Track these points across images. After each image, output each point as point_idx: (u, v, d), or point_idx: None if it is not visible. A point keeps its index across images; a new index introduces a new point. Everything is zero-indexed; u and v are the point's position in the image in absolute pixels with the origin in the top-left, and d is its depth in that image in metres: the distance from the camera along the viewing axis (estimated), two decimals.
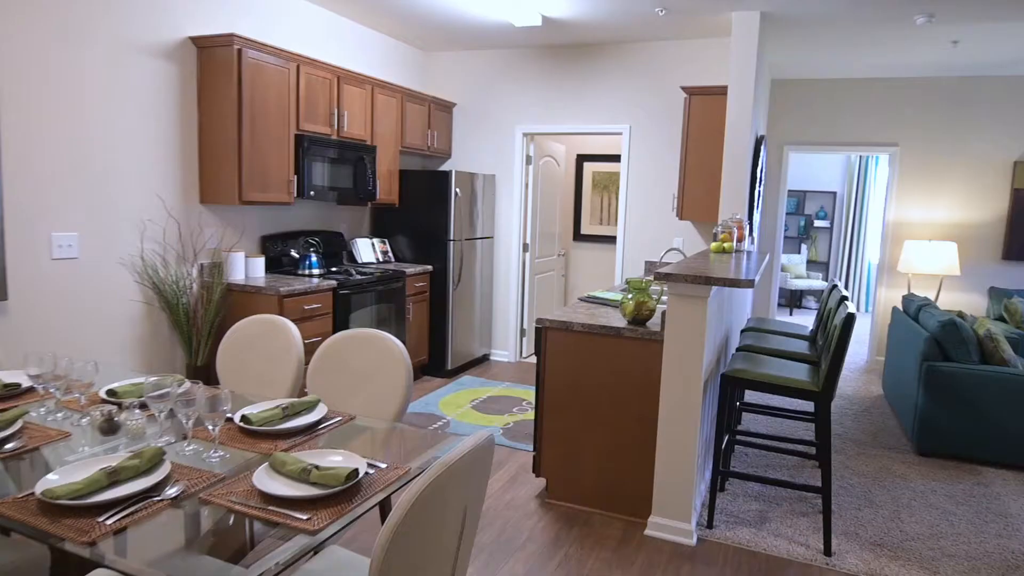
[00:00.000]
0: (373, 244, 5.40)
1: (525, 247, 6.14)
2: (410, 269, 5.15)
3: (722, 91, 4.73)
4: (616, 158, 6.95)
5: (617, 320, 3.24)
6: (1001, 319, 5.56)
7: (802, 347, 3.75)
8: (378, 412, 2.31)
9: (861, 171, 9.30)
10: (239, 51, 3.73)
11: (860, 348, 7.25)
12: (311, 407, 2.09)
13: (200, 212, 3.93)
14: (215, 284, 3.74)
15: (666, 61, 5.31)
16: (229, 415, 2.00)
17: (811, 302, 9.71)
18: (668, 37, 5.20)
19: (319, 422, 2.03)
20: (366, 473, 1.68)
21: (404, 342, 5.10)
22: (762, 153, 5.27)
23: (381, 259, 5.42)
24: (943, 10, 4.10)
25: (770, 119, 6.58)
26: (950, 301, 6.13)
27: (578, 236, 7.27)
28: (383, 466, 1.74)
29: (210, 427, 1.74)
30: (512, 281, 6.08)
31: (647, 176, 5.48)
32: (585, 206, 7.21)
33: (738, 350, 3.61)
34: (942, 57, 5.25)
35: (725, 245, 4.03)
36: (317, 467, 1.60)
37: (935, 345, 4.09)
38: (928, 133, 6.04)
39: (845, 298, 3.28)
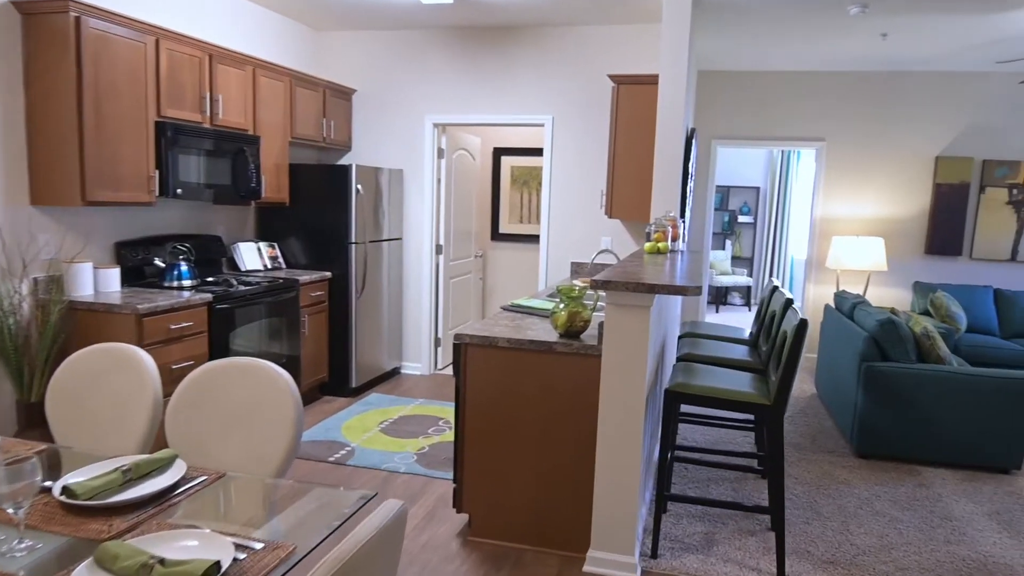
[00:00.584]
0: (259, 249, 4.91)
1: (438, 248, 5.82)
2: (305, 276, 4.71)
3: (652, 80, 4.58)
4: (536, 151, 6.74)
5: (547, 333, 2.98)
6: (926, 313, 5.75)
7: (743, 353, 3.63)
8: (258, 462, 1.93)
9: (783, 166, 9.56)
10: (77, 19, 3.20)
11: None
12: (164, 465, 1.70)
13: (31, 215, 3.35)
14: (52, 302, 3.19)
15: (592, 47, 5.13)
16: (48, 484, 1.58)
17: (736, 299, 9.90)
18: (594, 21, 5.02)
19: (174, 486, 1.64)
20: (233, 561, 1.32)
21: (299, 360, 4.66)
22: (693, 147, 5.19)
23: (270, 266, 4.94)
24: (877, 0, 4.13)
25: (697, 112, 6.56)
26: (877, 296, 6.30)
27: (497, 235, 7.01)
28: (259, 546, 1.38)
29: (11, 510, 1.33)
30: (424, 286, 5.74)
31: (572, 171, 5.29)
32: (503, 203, 6.96)
33: (679, 360, 3.44)
34: (870, 51, 5.35)
35: (660, 245, 3.87)
36: (162, 561, 1.23)
37: (873, 344, 4.10)
38: (854, 128, 6.18)
39: (791, 301, 3.17)
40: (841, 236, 6.11)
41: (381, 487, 3.63)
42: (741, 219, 9.82)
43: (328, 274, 4.97)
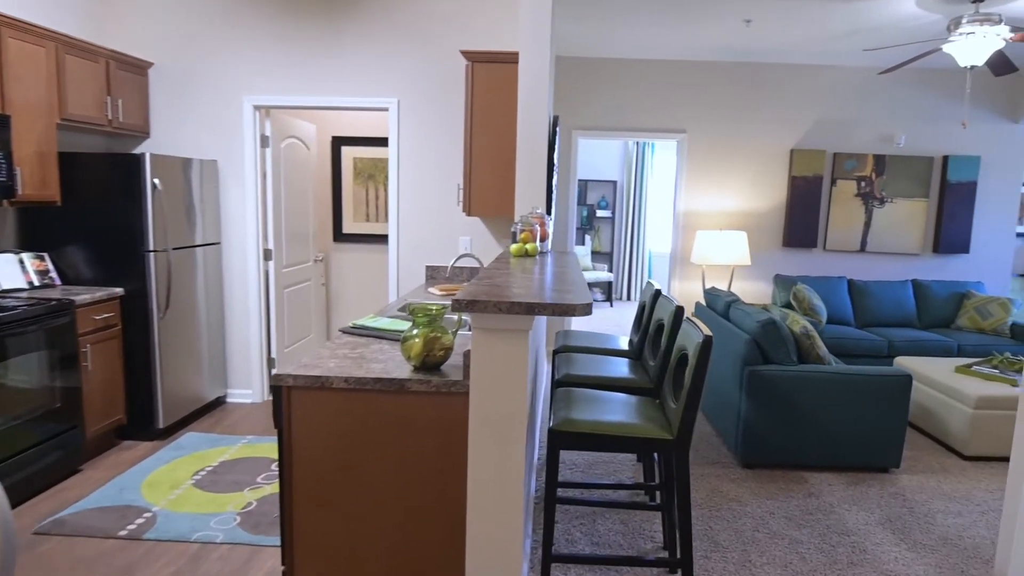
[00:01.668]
0: (22, 261, 3.81)
1: (267, 254, 4.93)
2: (85, 296, 3.69)
3: (511, 58, 4.04)
4: (383, 141, 6.00)
5: (398, 366, 2.33)
6: (788, 306, 5.72)
7: (624, 369, 3.18)
8: None
9: (639, 158, 9.49)
10: None
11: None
12: None
13: None
14: None
15: (442, 20, 4.50)
16: None
17: (597, 294, 9.73)
18: None
19: None
20: None
21: (79, 401, 3.65)
22: (557, 137, 4.73)
23: (37, 283, 3.85)
24: None
25: (556, 101, 6.13)
26: (740, 290, 6.24)
27: (340, 236, 6.19)
28: None
29: None
30: (252, 298, 4.84)
31: (424, 163, 4.63)
32: (346, 200, 6.16)
33: (557, 384, 2.91)
34: (732, 39, 5.17)
35: (528, 247, 3.33)
36: None
37: (755, 347, 3.83)
38: (715, 120, 6.04)
39: (681, 311, 2.75)
40: (705, 231, 5.96)
41: (188, 569, 2.79)
42: (600, 213, 9.65)
43: (119, 291, 3.96)
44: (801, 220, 6.05)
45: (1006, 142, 6.11)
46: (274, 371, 2.31)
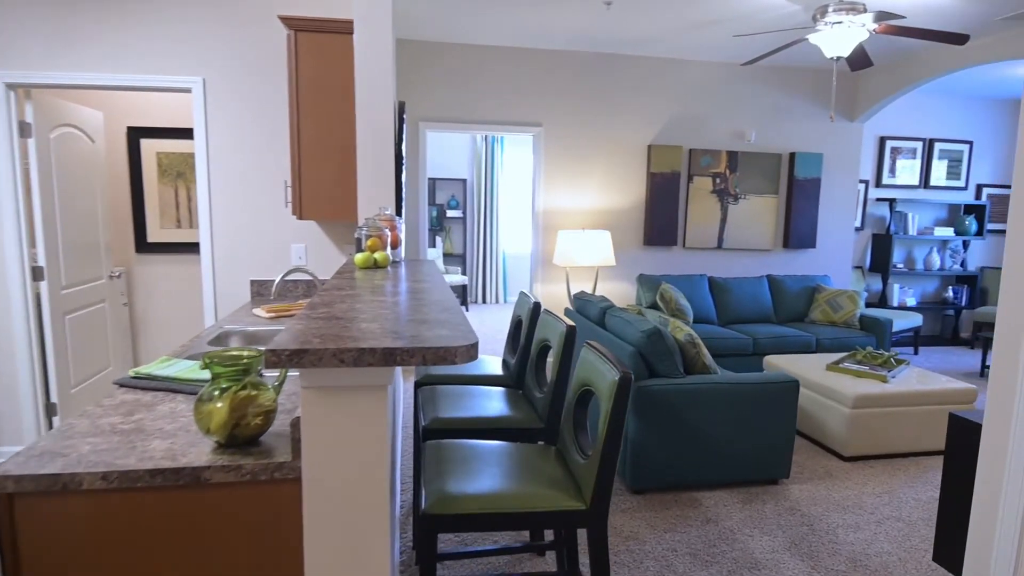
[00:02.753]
0: None
1: (37, 272, 3.82)
2: None
3: (344, 28, 3.32)
4: (192, 133, 4.98)
5: (195, 441, 1.58)
6: (654, 307, 5.47)
7: (504, 404, 2.60)
8: None
9: (488, 155, 9.01)
10: None
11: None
12: None
13: None
14: None
15: None
16: None
17: None
18: None
19: None
20: None
21: None
22: (404, 126, 4.06)
23: None
24: None
25: (400, 88, 5.44)
26: (605, 291, 5.92)
27: (144, 246, 5.08)
28: None
29: None
30: (17, 329, 3.72)
31: (242, 156, 3.77)
32: (150, 203, 5.06)
33: (427, 432, 2.27)
34: (590, 25, 4.77)
35: (376, 256, 2.66)
36: None
37: (640, 360, 3.42)
38: (572, 113, 5.66)
39: (573, 332, 2.22)
40: (568, 230, 5.56)
41: None
42: (450, 214, 9.06)
43: None
44: (661, 218, 5.84)
45: (845, 140, 6.31)
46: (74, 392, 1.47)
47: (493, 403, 2.61)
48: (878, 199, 7.07)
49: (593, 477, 1.76)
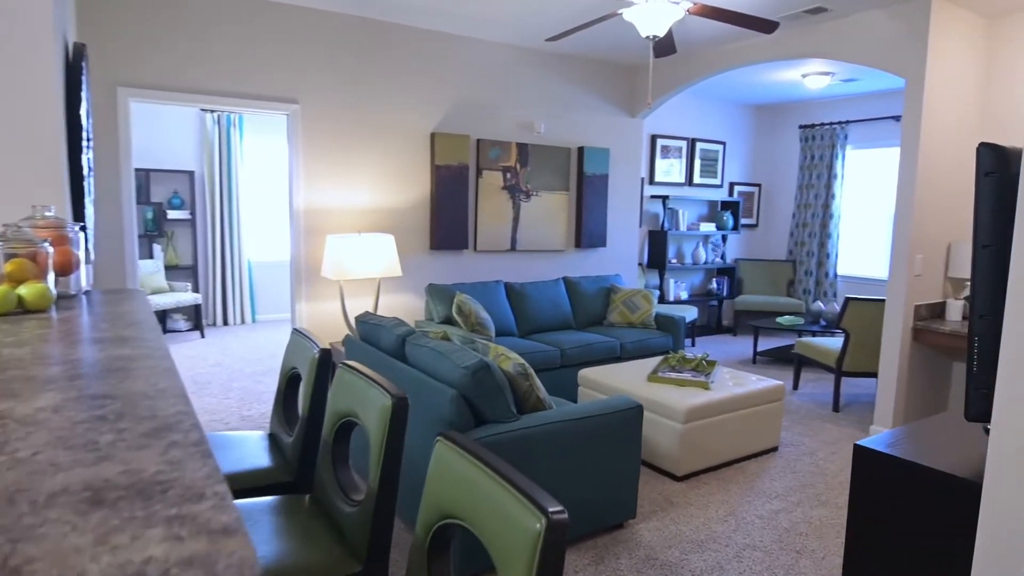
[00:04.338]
0: None
1: None
2: None
3: None
4: None
5: None
6: (448, 322, 4.65)
7: (240, 455, 1.62)
8: None
9: (224, 140, 7.42)
10: None
11: (252, 400, 5.43)
12: None
13: None
14: None
15: None
16: None
17: (180, 323, 7.39)
18: None
19: None
20: None
21: None
22: (86, 80, 2.70)
23: None
24: None
25: (83, 37, 3.89)
26: (390, 307, 4.95)
27: None
28: None
29: None
30: None
31: None
32: None
33: None
34: None
35: (22, 294, 1.45)
36: None
37: (463, 405, 2.57)
38: (339, 89, 4.58)
39: (328, 355, 1.33)
40: (339, 234, 4.49)
41: None
42: (173, 215, 7.31)
43: None
44: (449, 218, 5.05)
45: (627, 136, 6.11)
46: None
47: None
48: (652, 196, 7.09)
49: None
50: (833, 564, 2.75)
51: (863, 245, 7.36)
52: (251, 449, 1.93)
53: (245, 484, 1.73)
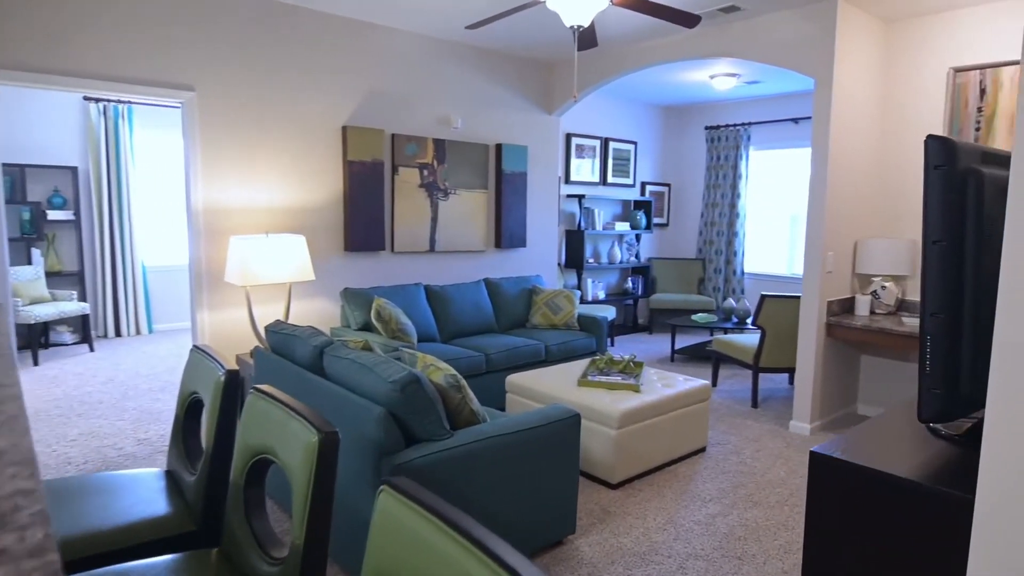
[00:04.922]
0: None
1: None
2: None
3: None
4: None
5: None
6: (367, 328, 4.35)
7: (132, 503, 1.33)
8: None
9: (112, 133, 6.74)
10: None
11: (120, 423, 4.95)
12: None
13: None
14: None
15: None
16: None
17: (66, 335, 6.65)
18: None
19: None
20: None
21: None
22: None
23: None
24: None
25: None
26: (302, 314, 4.58)
27: None
28: None
29: None
30: None
31: None
32: None
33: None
34: None
35: None
36: None
37: (392, 424, 2.32)
38: (241, 77, 4.18)
39: (235, 376, 1.09)
40: (244, 236, 4.09)
41: None
42: (54, 215, 6.58)
43: None
44: (365, 217, 4.73)
45: (545, 133, 5.97)
46: None
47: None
48: (568, 195, 7.01)
49: None
50: (775, 568, 2.70)
51: (766, 243, 7.59)
52: (144, 492, 1.63)
53: (138, 538, 1.44)
